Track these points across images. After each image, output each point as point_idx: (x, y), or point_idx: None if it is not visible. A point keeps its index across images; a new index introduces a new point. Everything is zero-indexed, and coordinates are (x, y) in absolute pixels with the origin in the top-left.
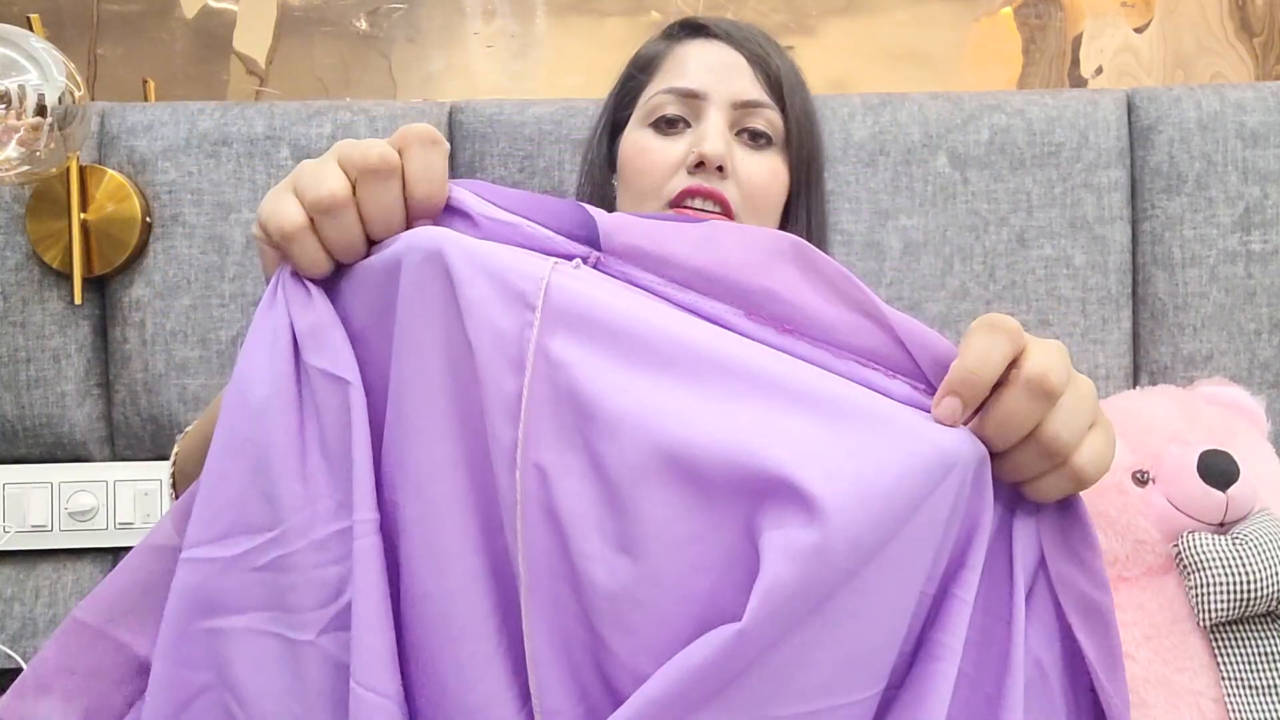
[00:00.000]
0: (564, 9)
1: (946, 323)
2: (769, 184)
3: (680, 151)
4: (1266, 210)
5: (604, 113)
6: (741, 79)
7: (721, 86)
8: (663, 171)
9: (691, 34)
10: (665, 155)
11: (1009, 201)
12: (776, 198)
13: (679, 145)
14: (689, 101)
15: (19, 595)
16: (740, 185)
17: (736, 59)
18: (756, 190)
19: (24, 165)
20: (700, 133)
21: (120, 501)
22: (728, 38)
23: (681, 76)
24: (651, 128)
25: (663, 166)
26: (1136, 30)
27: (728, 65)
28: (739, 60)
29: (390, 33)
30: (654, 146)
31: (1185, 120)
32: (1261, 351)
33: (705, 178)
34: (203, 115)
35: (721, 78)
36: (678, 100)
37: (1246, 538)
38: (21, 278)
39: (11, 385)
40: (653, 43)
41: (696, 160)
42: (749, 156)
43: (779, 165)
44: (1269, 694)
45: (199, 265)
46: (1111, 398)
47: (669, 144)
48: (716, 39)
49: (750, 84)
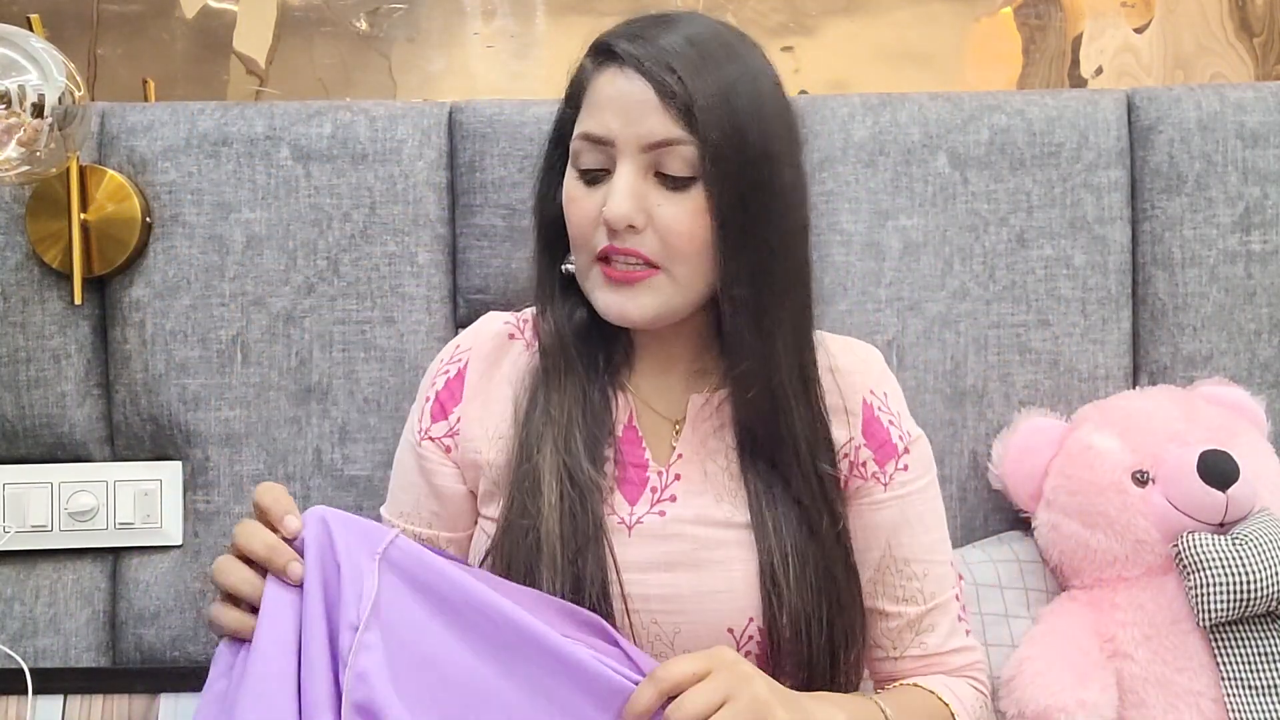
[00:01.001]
0: (564, 9)
1: (946, 323)
2: (689, 230)
3: (598, 205)
4: (1266, 210)
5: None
6: (649, 117)
7: (629, 130)
8: (587, 225)
9: (605, 61)
10: (586, 209)
11: (1009, 201)
12: (701, 241)
13: (597, 197)
14: (602, 148)
15: (19, 595)
16: (660, 235)
17: (645, 92)
18: (678, 239)
19: (24, 165)
20: (609, 188)
21: (120, 501)
22: (637, 65)
23: (594, 119)
24: (577, 171)
25: (586, 221)
26: (1136, 30)
27: (636, 102)
28: (649, 95)
29: (390, 33)
30: (578, 197)
31: (1185, 120)
32: (1261, 351)
33: (619, 239)
34: (203, 115)
35: (629, 118)
36: (592, 147)
37: (1246, 538)
38: (21, 278)
39: (11, 385)
40: (580, 67)
41: (604, 220)
42: (667, 202)
43: (699, 205)
44: (1269, 694)
45: (199, 265)
46: (1111, 398)
47: (590, 195)
48: (626, 67)
49: (659, 121)
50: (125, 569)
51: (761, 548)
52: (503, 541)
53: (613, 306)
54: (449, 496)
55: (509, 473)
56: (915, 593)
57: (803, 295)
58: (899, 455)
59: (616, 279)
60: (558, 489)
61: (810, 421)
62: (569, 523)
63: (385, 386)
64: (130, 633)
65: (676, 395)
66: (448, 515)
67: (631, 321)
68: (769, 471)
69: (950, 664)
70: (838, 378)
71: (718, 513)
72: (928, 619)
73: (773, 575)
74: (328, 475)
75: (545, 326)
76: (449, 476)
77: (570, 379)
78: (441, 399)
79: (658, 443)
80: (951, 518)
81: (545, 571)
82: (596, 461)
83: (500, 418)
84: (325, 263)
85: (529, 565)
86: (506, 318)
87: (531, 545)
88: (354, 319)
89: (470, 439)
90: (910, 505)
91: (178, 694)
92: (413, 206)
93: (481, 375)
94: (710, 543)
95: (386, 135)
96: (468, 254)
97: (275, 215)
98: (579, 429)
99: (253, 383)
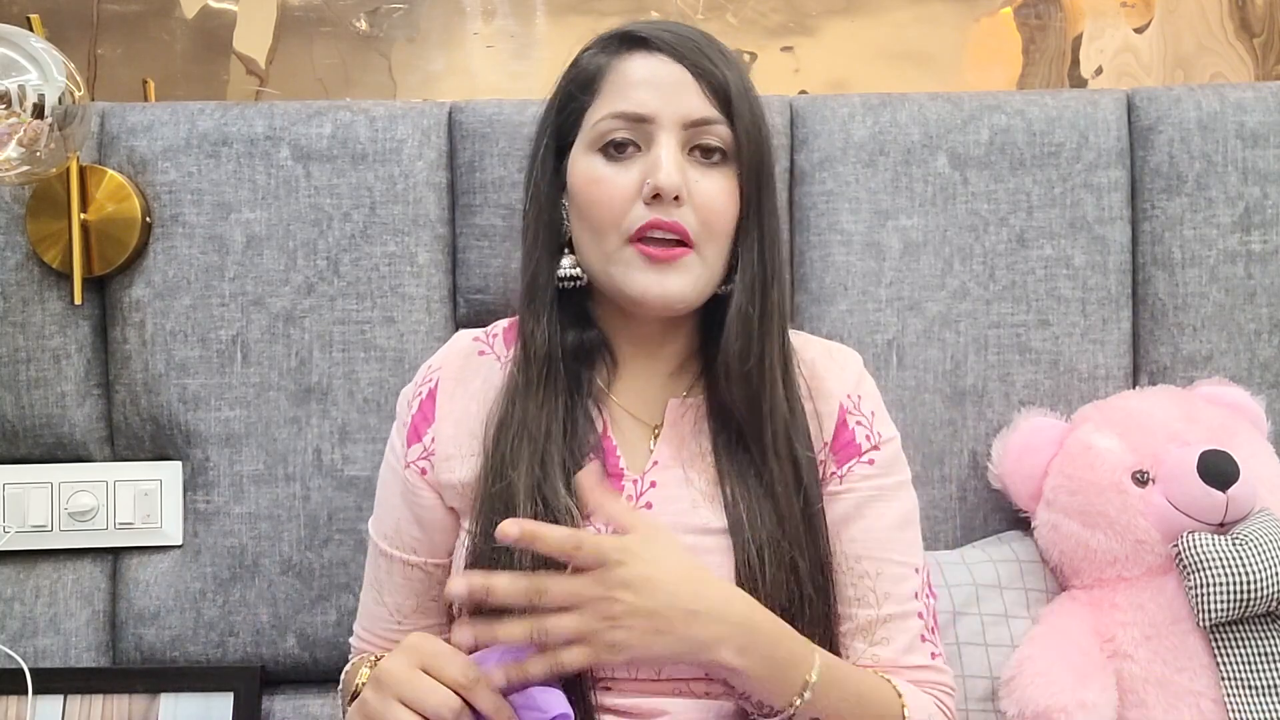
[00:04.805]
0: (564, 9)
1: (946, 322)
2: (725, 207)
3: (633, 180)
4: (1266, 210)
5: (545, 132)
6: (689, 96)
7: (670, 107)
8: (619, 204)
9: (631, 47)
10: (618, 186)
11: (1009, 202)
12: (730, 219)
13: (631, 173)
14: (638, 126)
15: (19, 595)
16: (697, 211)
17: (682, 74)
18: (713, 215)
19: (24, 165)
20: (653, 161)
21: (120, 501)
22: (671, 50)
23: (627, 99)
24: (600, 154)
25: (618, 199)
26: (1136, 30)
27: (674, 82)
28: (684, 75)
29: (390, 33)
30: (605, 176)
31: (1185, 120)
32: (1261, 351)
33: (663, 210)
34: (203, 115)
35: (669, 97)
36: (626, 125)
37: (1246, 538)
38: (21, 278)
39: (11, 385)
40: (591, 56)
41: (652, 192)
42: (703, 178)
43: (732, 184)
44: (1269, 694)
45: (199, 265)
46: (1111, 398)
47: (621, 172)
48: (659, 52)
49: (698, 101)
50: (125, 569)
51: (739, 552)
52: (475, 565)
53: (652, 287)
54: (430, 522)
55: (481, 488)
56: (867, 592)
57: (787, 281)
58: (862, 453)
59: (658, 257)
60: (530, 512)
61: (789, 404)
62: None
63: (385, 386)
64: (130, 633)
65: (655, 400)
66: (430, 542)
67: (670, 301)
68: (745, 465)
69: (909, 676)
70: (815, 381)
71: (694, 518)
72: (881, 630)
73: (749, 576)
74: (328, 475)
75: (535, 337)
76: (429, 501)
77: (553, 394)
78: (415, 422)
79: (633, 451)
80: (951, 518)
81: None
82: (572, 484)
83: (472, 435)
84: (325, 263)
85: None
86: (475, 334)
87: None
88: (354, 319)
89: (445, 458)
90: (867, 501)
91: (178, 694)
92: (413, 206)
93: (451, 395)
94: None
95: (386, 135)
96: (468, 254)
97: (275, 215)
98: (557, 448)
99: (253, 383)
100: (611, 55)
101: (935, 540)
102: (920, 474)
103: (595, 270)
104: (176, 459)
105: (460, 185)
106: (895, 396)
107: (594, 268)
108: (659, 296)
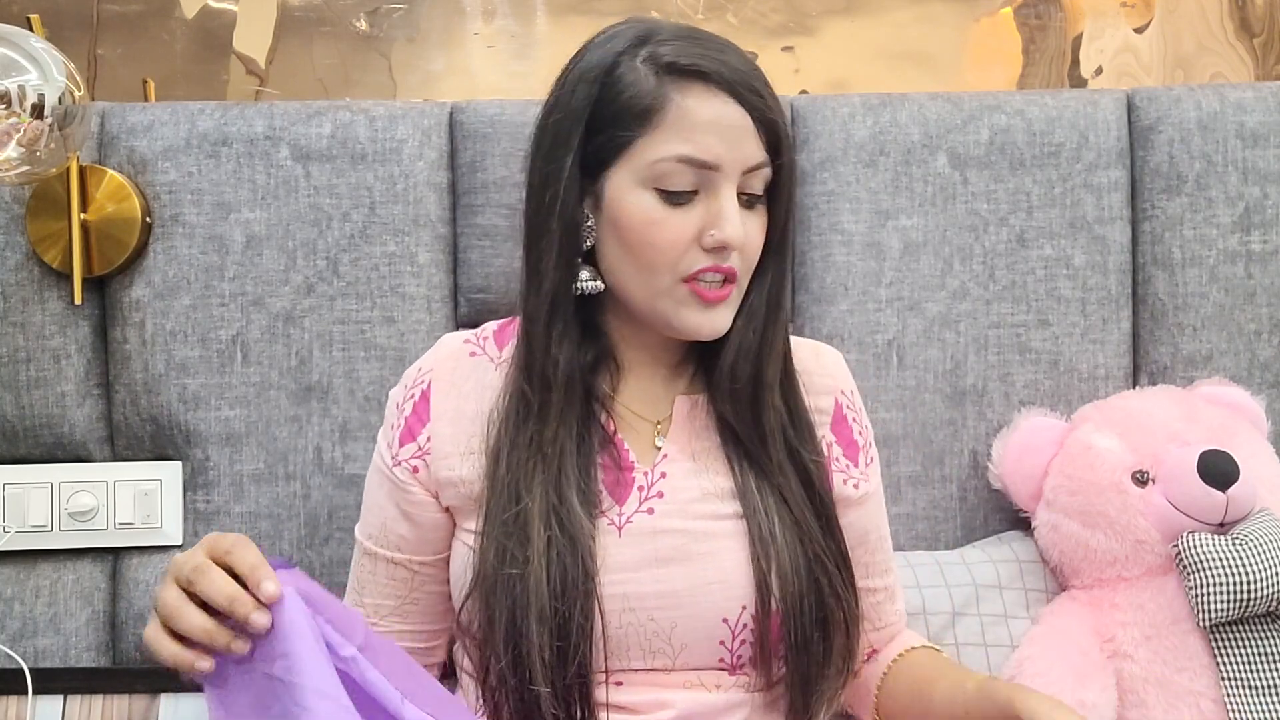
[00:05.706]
0: (564, 9)
1: (946, 322)
2: (759, 244)
3: (694, 226)
4: (1266, 210)
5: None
6: (749, 143)
7: (732, 154)
8: (677, 249)
9: (689, 79)
10: (678, 231)
11: (1009, 201)
12: (759, 253)
13: (691, 219)
14: (701, 171)
15: (19, 595)
16: (741, 252)
17: (744, 120)
18: (754, 254)
19: (24, 165)
20: (716, 212)
21: (120, 501)
22: (731, 89)
23: (693, 143)
24: (656, 192)
25: (679, 244)
26: (1136, 30)
27: (738, 129)
28: (746, 120)
29: (390, 33)
30: (664, 219)
31: (1185, 120)
32: (1261, 351)
33: (724, 259)
34: (203, 115)
35: (733, 145)
36: (691, 170)
37: (1246, 538)
38: (21, 278)
39: (11, 385)
40: (641, 81)
41: (718, 244)
42: (748, 220)
43: (764, 220)
44: (1269, 694)
45: (199, 265)
46: (1111, 398)
47: (680, 216)
48: (722, 92)
49: (755, 146)
50: (125, 569)
51: (752, 534)
52: (491, 589)
53: (705, 324)
54: (419, 520)
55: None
56: (884, 558)
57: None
58: (860, 448)
59: (712, 299)
60: (545, 535)
61: (793, 410)
62: (557, 571)
63: (385, 386)
64: (130, 633)
65: (657, 396)
66: (417, 540)
67: (718, 333)
68: (755, 462)
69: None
70: (808, 378)
71: (705, 505)
72: (895, 587)
73: (764, 561)
74: (328, 474)
75: (548, 355)
76: (419, 499)
77: (568, 412)
78: (409, 422)
79: (641, 446)
80: (951, 518)
81: (534, 624)
82: (587, 502)
83: (471, 434)
84: (325, 263)
85: (515, 615)
86: (465, 335)
87: (520, 595)
88: (354, 319)
89: (442, 457)
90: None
91: (178, 694)
92: (413, 206)
93: (445, 395)
94: (700, 535)
95: (386, 135)
96: (469, 254)
97: (275, 215)
98: (570, 464)
99: (253, 382)
100: (668, 86)
101: (935, 540)
102: (920, 474)
103: (636, 299)
104: (176, 459)
105: (462, 185)
106: (895, 396)
107: (634, 296)
108: (711, 332)
